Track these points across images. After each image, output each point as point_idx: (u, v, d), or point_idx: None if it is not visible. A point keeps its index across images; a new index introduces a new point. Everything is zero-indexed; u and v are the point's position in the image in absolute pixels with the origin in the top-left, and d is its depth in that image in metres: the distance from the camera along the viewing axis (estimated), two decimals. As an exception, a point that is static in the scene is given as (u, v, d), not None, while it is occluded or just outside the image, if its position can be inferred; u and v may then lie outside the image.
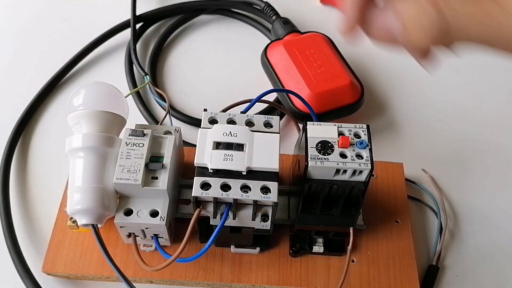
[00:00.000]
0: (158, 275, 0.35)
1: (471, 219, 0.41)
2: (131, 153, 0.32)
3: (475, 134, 0.46)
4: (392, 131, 0.46)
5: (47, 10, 0.55)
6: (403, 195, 0.39)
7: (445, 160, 0.44)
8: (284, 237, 0.37)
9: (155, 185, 0.31)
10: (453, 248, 0.39)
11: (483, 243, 0.39)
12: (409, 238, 0.37)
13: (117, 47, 0.52)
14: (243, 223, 0.32)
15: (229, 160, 0.30)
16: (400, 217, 0.38)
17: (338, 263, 0.36)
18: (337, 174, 0.30)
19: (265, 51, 0.47)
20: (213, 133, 0.31)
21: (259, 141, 0.31)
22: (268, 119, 0.33)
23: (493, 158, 0.45)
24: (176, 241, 0.36)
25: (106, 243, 0.35)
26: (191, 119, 0.45)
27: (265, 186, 0.30)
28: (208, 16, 0.55)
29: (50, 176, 0.42)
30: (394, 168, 0.41)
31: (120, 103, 0.35)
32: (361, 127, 0.31)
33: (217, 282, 0.35)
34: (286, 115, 0.45)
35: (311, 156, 0.30)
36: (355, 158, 0.30)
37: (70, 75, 0.49)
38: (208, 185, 0.30)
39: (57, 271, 0.35)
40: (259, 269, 0.35)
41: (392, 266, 0.36)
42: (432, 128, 0.46)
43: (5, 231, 0.37)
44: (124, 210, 0.32)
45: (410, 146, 0.45)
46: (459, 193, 0.42)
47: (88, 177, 0.31)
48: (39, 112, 0.46)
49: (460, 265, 0.38)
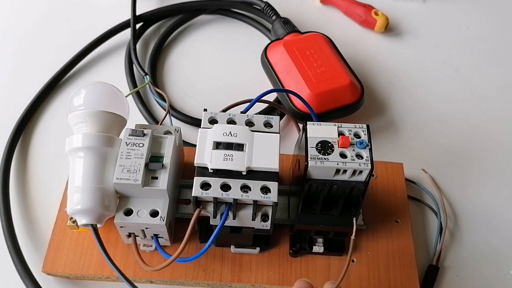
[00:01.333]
0: (158, 275, 0.35)
1: (471, 219, 0.41)
2: (131, 153, 0.32)
3: (475, 134, 0.46)
4: (392, 131, 0.46)
5: (48, 10, 0.55)
6: (403, 195, 0.39)
7: (445, 160, 0.44)
8: (284, 237, 0.37)
9: (155, 185, 0.31)
10: (453, 248, 0.39)
11: (483, 243, 0.39)
12: (409, 238, 0.37)
13: (117, 47, 0.52)
14: (243, 223, 0.32)
15: (229, 160, 0.30)
16: (400, 217, 0.38)
17: (338, 263, 0.36)
18: (337, 174, 0.30)
19: (265, 51, 0.47)
20: (213, 133, 0.31)
21: (259, 141, 0.31)
22: (268, 119, 0.33)
23: (493, 158, 0.45)
24: (176, 241, 0.36)
25: (106, 243, 0.35)
26: (191, 119, 0.45)
27: (265, 186, 0.30)
28: (208, 16, 0.55)
29: (50, 176, 0.42)
30: (394, 168, 0.41)
31: (121, 103, 0.35)
32: (361, 127, 0.31)
33: (217, 282, 0.35)
34: (286, 115, 0.45)
35: (311, 156, 0.30)
36: (355, 158, 0.30)
37: (70, 75, 0.49)
38: (208, 185, 0.30)
39: (57, 271, 0.35)
40: (259, 269, 0.35)
41: (392, 266, 0.36)
42: (432, 128, 0.46)
43: (5, 231, 0.37)
44: (124, 210, 0.32)
45: (410, 146, 0.45)
46: (459, 193, 0.42)
47: (88, 177, 0.31)
48: (39, 112, 0.46)
49: (460, 265, 0.38)
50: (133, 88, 0.47)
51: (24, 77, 0.49)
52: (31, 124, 0.45)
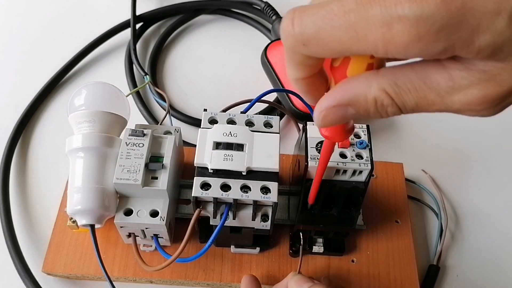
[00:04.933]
0: (158, 275, 0.35)
1: (471, 219, 0.41)
2: (131, 153, 0.32)
3: (475, 134, 0.46)
4: (392, 131, 0.46)
5: (48, 11, 0.55)
6: (403, 195, 0.39)
7: (445, 160, 0.44)
8: (284, 237, 0.37)
9: (155, 185, 0.31)
10: (454, 248, 0.39)
11: (484, 242, 0.39)
12: (409, 238, 0.37)
13: (117, 47, 0.52)
14: (243, 223, 0.32)
15: (229, 160, 0.30)
16: (400, 217, 0.38)
17: (338, 263, 0.36)
18: (337, 174, 0.30)
19: (265, 51, 0.47)
20: (213, 133, 0.31)
21: (259, 141, 0.31)
22: (268, 119, 0.33)
23: (493, 158, 0.45)
24: (176, 241, 0.36)
25: (106, 244, 0.35)
26: (191, 119, 0.45)
27: (265, 186, 0.30)
28: (208, 16, 0.55)
29: (50, 176, 0.42)
30: (394, 168, 0.41)
31: (121, 103, 0.35)
32: (361, 127, 0.31)
33: (217, 282, 0.35)
34: (286, 115, 0.45)
35: (311, 156, 0.30)
36: (355, 158, 0.30)
37: (70, 75, 0.49)
38: (208, 185, 0.30)
39: (57, 271, 0.35)
40: (259, 269, 0.36)
41: (392, 266, 0.36)
42: (432, 128, 0.46)
43: (5, 231, 0.37)
44: (124, 210, 0.32)
45: (410, 146, 0.45)
46: (460, 193, 0.42)
47: (88, 177, 0.31)
48: (39, 112, 0.46)
49: (460, 265, 0.38)
50: (133, 88, 0.47)
51: (24, 77, 0.49)
52: (31, 124, 0.45)
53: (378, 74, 0.18)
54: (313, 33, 0.17)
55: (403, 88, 0.17)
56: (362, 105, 0.18)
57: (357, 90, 0.18)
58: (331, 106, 0.19)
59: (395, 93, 0.17)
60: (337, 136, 0.23)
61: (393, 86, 0.17)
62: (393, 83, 0.17)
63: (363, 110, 0.18)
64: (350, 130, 0.23)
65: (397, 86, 0.17)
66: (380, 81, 0.17)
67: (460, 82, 0.16)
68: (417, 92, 0.17)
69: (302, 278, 0.30)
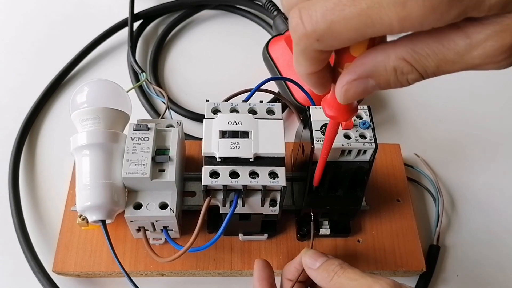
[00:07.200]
0: (169, 267, 0.35)
1: (468, 201, 0.42)
2: (137, 147, 0.32)
3: (470, 119, 0.47)
4: (389, 119, 0.47)
5: (48, 11, 0.55)
6: (402, 175, 0.40)
7: (440, 144, 0.45)
8: (290, 222, 0.37)
9: (163, 177, 0.32)
10: (453, 229, 0.40)
11: (480, 223, 0.41)
12: (411, 215, 0.38)
13: (119, 44, 0.52)
14: (253, 210, 0.32)
15: (236, 148, 0.31)
16: (401, 195, 0.39)
17: (345, 244, 0.37)
18: (342, 155, 0.31)
19: (266, 46, 0.47)
20: (218, 123, 0.32)
21: (263, 127, 0.32)
22: (270, 106, 0.33)
23: (487, 141, 0.46)
24: (184, 233, 0.36)
25: (114, 240, 0.35)
26: (192, 114, 0.45)
27: (273, 171, 0.30)
28: (210, 11, 0.56)
29: (58, 175, 0.41)
30: (391, 149, 0.42)
31: (123, 99, 0.35)
32: (363, 108, 0.32)
33: (228, 270, 0.35)
34: (287, 109, 0.46)
35: (316, 139, 0.30)
36: (359, 138, 0.30)
37: (73, 74, 0.49)
38: (216, 173, 0.30)
39: (68, 270, 0.35)
40: (268, 255, 0.36)
41: (397, 243, 0.37)
42: (427, 112, 0.47)
43: (18, 234, 0.37)
44: (134, 204, 0.32)
45: (406, 133, 0.46)
46: (455, 175, 0.43)
47: (95, 173, 0.31)
48: (44, 112, 0.46)
49: (459, 244, 0.39)
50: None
51: (27, 77, 0.48)
52: (36, 124, 0.45)
53: (396, 44, 0.18)
54: (326, 27, 0.17)
55: (421, 54, 0.18)
56: (382, 76, 0.19)
57: (376, 62, 0.19)
58: (352, 80, 0.19)
59: (414, 59, 0.18)
60: (341, 115, 0.23)
61: (411, 53, 0.18)
62: (411, 50, 0.18)
63: (384, 80, 0.19)
64: (354, 109, 0.23)
65: (416, 53, 0.18)
66: (398, 50, 0.18)
67: (477, 38, 0.17)
68: (436, 55, 0.18)
69: (316, 253, 0.30)
